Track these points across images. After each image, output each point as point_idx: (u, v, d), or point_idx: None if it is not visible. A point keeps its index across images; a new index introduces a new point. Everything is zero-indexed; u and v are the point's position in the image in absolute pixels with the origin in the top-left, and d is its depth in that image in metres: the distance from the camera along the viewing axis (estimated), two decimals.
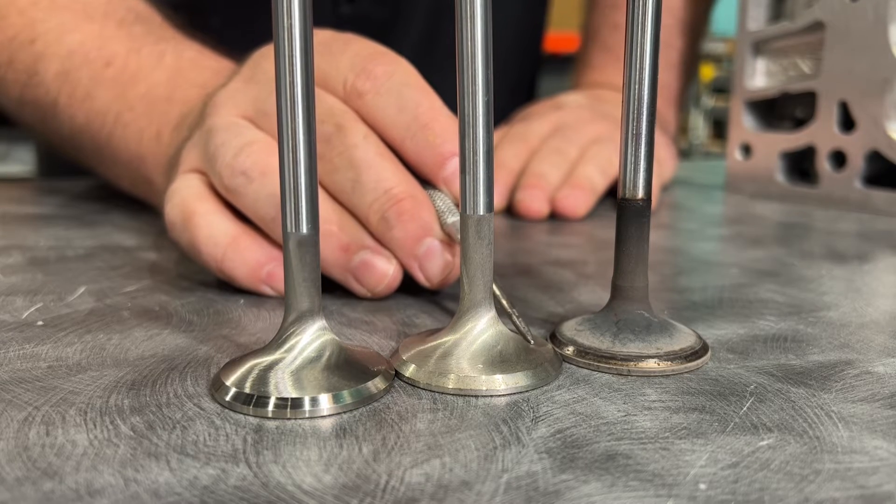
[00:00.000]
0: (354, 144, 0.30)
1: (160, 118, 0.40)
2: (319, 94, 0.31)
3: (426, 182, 0.31)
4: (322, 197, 0.29)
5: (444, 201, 0.30)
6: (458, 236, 0.29)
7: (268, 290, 0.30)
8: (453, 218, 0.30)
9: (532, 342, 0.24)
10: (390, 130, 0.31)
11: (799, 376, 0.23)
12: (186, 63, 0.42)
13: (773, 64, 0.61)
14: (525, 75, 0.87)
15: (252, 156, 0.30)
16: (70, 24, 0.46)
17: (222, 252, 0.30)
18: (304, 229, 0.22)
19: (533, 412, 0.20)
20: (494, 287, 0.26)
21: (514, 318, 0.25)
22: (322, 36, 0.33)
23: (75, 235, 0.43)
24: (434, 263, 0.29)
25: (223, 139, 0.31)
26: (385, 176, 0.29)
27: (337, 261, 0.30)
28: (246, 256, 0.30)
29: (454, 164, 0.31)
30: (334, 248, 0.29)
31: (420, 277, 0.30)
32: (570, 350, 0.24)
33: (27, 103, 0.48)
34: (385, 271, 0.29)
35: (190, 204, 0.31)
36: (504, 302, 0.26)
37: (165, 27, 0.47)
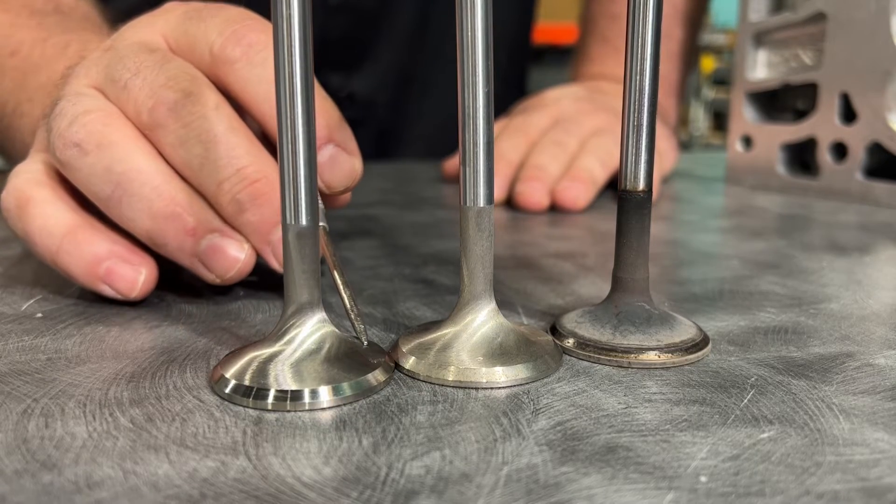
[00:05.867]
0: (203, 115, 0.27)
1: None
2: (171, 57, 0.28)
3: None
4: (166, 173, 0.27)
5: None
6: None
7: (107, 290, 0.28)
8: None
9: (365, 344, 0.23)
10: (261, 106, 0.28)
11: (800, 368, 0.23)
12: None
13: (775, 55, 0.60)
14: (515, 66, 0.87)
15: (88, 126, 0.27)
16: None
17: (57, 245, 0.27)
18: (304, 221, 0.21)
19: (533, 404, 0.20)
20: (339, 283, 0.24)
21: (353, 316, 0.24)
22: (194, 3, 0.30)
23: None
24: None
25: (61, 108, 0.28)
26: (237, 153, 0.27)
27: (182, 245, 0.27)
28: (83, 251, 0.27)
29: (328, 150, 0.28)
30: (179, 232, 0.27)
31: (274, 264, 0.27)
32: (570, 342, 0.24)
33: None
34: (236, 257, 0.27)
35: (26, 190, 0.28)
36: (345, 298, 0.24)
37: (86, 20, 0.45)
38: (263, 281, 0.32)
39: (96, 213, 0.29)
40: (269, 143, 0.29)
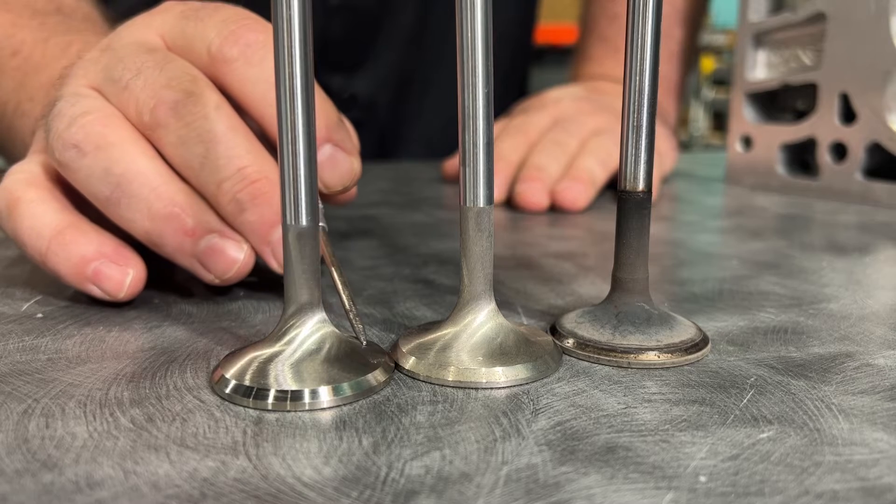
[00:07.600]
0: (204, 115, 0.27)
1: None
2: (172, 57, 0.29)
3: None
4: (166, 174, 0.27)
5: None
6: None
7: (95, 291, 0.27)
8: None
9: (364, 343, 0.23)
10: (258, 106, 0.28)
11: (799, 368, 0.23)
12: None
13: (774, 55, 0.60)
14: (517, 67, 0.87)
15: (86, 127, 0.27)
16: None
17: (46, 245, 0.27)
18: (304, 221, 0.21)
19: (533, 404, 0.20)
20: (339, 282, 0.25)
21: (352, 316, 0.24)
22: (191, 3, 0.30)
23: None
24: None
25: (60, 108, 0.28)
26: (238, 153, 0.27)
27: (181, 246, 0.27)
28: (71, 251, 0.27)
29: (327, 149, 0.28)
30: (177, 232, 0.27)
31: (273, 265, 0.27)
32: (570, 342, 0.24)
33: None
34: (235, 257, 0.27)
35: (16, 190, 0.28)
36: (344, 298, 0.24)
37: (88, 20, 0.45)
38: (263, 281, 0.32)
39: (94, 212, 0.28)
40: (269, 144, 0.29)
